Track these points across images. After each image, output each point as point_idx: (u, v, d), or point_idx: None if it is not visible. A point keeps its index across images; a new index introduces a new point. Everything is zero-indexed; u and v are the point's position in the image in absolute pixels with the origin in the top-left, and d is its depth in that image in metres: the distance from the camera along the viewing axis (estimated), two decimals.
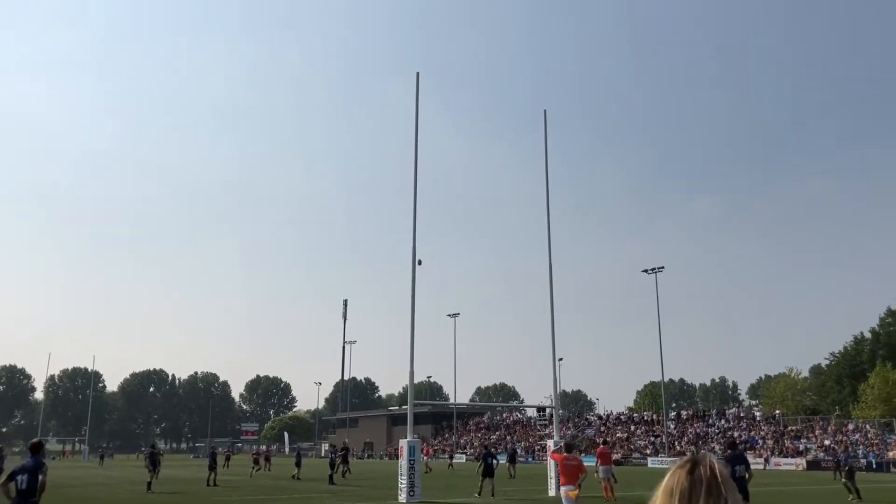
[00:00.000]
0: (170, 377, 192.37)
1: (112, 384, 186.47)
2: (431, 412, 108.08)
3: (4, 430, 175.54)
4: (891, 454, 55.38)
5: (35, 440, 11.64)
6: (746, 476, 15.73)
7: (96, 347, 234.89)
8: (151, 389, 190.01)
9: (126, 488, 32.71)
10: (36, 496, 10.59)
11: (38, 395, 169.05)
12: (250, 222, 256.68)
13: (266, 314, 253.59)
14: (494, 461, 26.30)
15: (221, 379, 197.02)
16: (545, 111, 34.28)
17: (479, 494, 26.10)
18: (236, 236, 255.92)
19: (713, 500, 1.91)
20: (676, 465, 2.04)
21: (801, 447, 62.51)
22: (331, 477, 36.27)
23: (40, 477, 10.64)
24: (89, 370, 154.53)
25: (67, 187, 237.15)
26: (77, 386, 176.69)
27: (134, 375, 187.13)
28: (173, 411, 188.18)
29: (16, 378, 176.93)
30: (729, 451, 17.24)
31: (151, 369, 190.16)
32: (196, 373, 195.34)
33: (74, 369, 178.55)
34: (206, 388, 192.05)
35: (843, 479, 25.31)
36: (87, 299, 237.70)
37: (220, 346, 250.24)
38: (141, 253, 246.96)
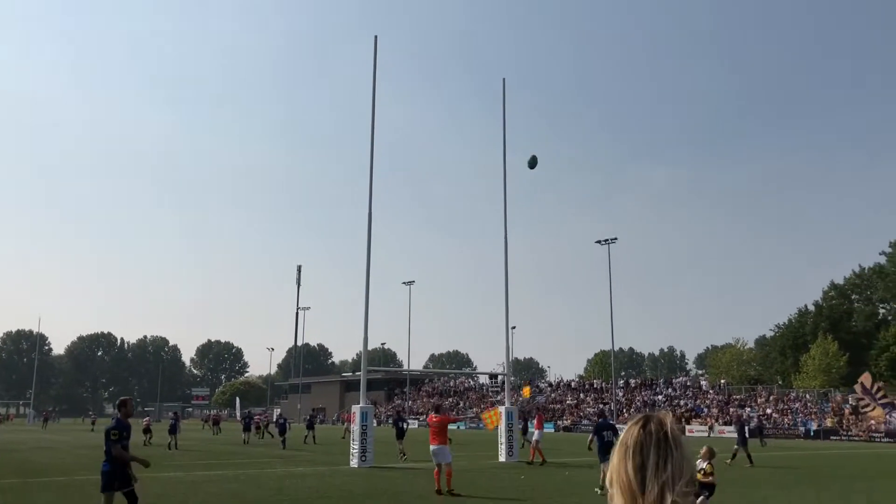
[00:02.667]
0: (118, 341, 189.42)
1: (58, 347, 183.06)
2: (385, 378, 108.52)
3: None
4: (828, 422, 57.35)
5: (122, 398, 11.02)
6: (615, 440, 16.39)
7: (41, 310, 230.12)
8: (99, 353, 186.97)
9: (72, 453, 32.21)
10: (110, 459, 10.02)
11: None
12: (202, 185, 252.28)
13: (218, 279, 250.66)
14: (405, 424, 30.42)
15: (171, 343, 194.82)
16: (504, 80, 34.10)
17: (404, 456, 27.86)
18: (188, 200, 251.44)
19: (661, 453, 2.00)
20: (632, 421, 2.11)
21: (745, 415, 64.39)
22: (283, 441, 36.61)
23: None
24: (34, 333, 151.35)
25: (11, 149, 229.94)
26: (21, 349, 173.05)
27: (81, 339, 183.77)
28: (122, 375, 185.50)
29: None
30: (599, 419, 19.49)
31: (99, 332, 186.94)
32: (145, 336, 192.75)
33: (18, 332, 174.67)
34: (156, 353, 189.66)
35: (736, 446, 26.76)
36: (31, 261, 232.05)
37: (170, 311, 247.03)
38: (87, 215, 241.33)
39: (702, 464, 11.64)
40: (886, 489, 17.75)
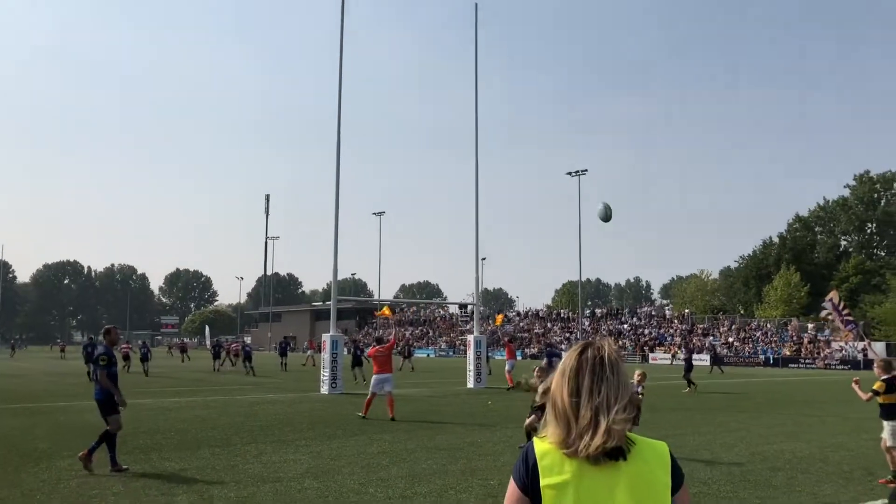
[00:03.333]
0: (85, 269, 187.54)
1: (23, 275, 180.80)
2: (355, 308, 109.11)
3: None
4: (786, 351, 59.09)
5: (107, 326, 11.36)
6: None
7: (5, 236, 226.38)
8: (66, 281, 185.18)
9: (41, 380, 32.22)
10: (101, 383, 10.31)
11: None
12: (170, 112, 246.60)
13: (187, 207, 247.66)
14: (361, 353, 31.63)
15: (140, 271, 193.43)
16: (476, 5, 33.40)
17: (363, 381, 28.70)
18: (156, 125, 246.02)
19: (597, 378, 2.03)
20: (572, 348, 2.15)
21: (708, 344, 66.02)
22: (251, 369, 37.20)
23: None
24: None
25: None
26: None
27: (47, 267, 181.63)
28: (90, 304, 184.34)
29: None
30: (548, 348, 20.90)
31: (65, 260, 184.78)
32: (113, 265, 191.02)
33: None
34: (124, 281, 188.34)
35: (684, 375, 27.64)
36: None
37: (137, 238, 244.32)
38: (51, 140, 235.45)
39: (636, 388, 11.17)
40: (837, 413, 18.47)
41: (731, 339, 65.62)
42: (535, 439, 2.10)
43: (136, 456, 11.06)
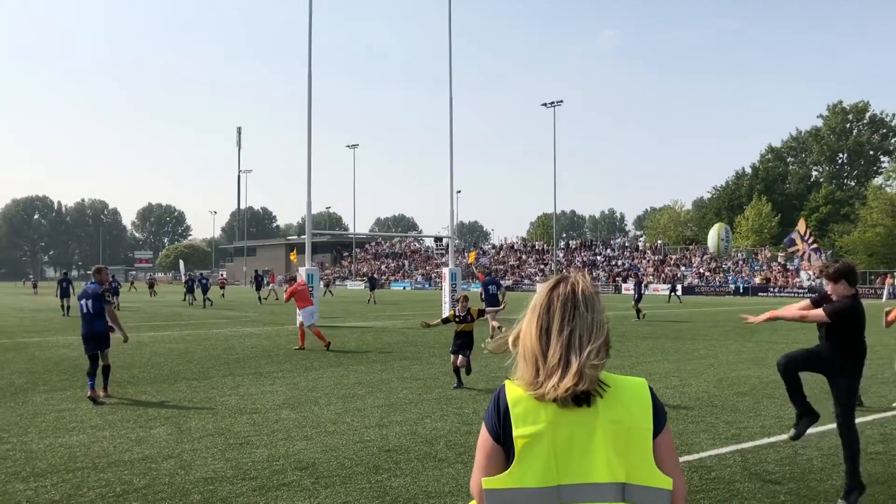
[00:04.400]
0: (55, 204, 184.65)
1: None
2: (331, 241, 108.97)
3: None
4: (757, 279, 60.18)
5: (97, 265, 11.97)
6: (500, 295, 20.27)
7: None
8: (36, 217, 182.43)
9: (14, 315, 32.04)
10: (104, 319, 10.87)
11: None
12: (140, 38, 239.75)
13: (158, 140, 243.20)
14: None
15: (111, 206, 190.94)
16: None
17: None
18: (128, 56, 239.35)
19: (568, 315, 1.92)
20: (544, 284, 2.04)
21: (679, 274, 66.99)
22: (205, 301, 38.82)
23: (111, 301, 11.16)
24: None
25: None
26: None
27: (15, 202, 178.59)
28: (61, 239, 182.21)
29: None
30: (486, 276, 22.70)
31: (34, 195, 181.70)
32: (83, 200, 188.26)
33: None
34: (95, 216, 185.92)
35: (633, 305, 28.46)
36: None
37: (108, 172, 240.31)
38: (23, 70, 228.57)
39: None
40: (804, 340, 18.95)
41: (702, 270, 66.62)
42: (506, 383, 1.97)
43: (112, 389, 11.11)
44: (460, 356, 11.43)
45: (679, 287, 52.60)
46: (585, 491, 1.82)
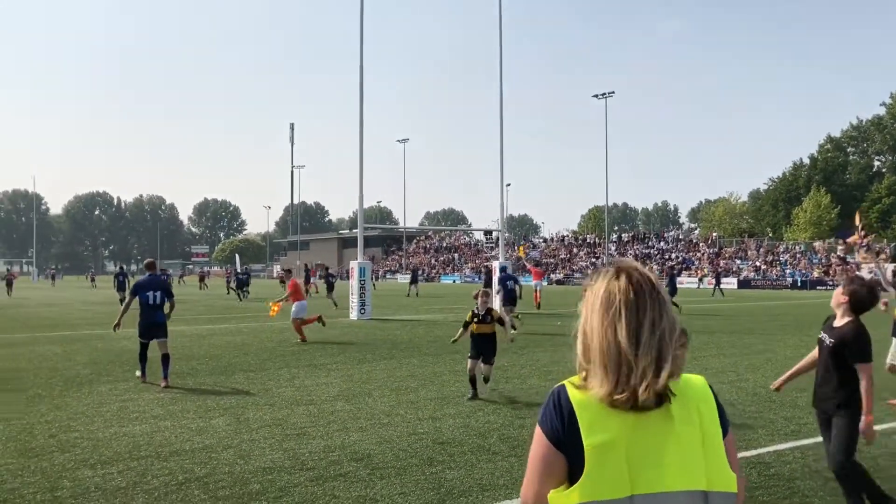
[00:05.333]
0: (115, 200, 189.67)
1: (55, 207, 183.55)
2: (381, 235, 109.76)
3: None
4: (815, 273, 58.69)
5: (149, 259, 12.75)
6: (517, 288, 21.28)
7: (36, 168, 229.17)
8: (97, 212, 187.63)
9: (78, 308, 33.04)
10: (163, 310, 11.71)
11: None
12: (195, 40, 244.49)
13: (213, 136, 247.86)
14: (334, 280, 35.48)
15: (168, 201, 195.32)
16: None
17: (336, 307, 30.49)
18: (183, 53, 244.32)
19: (651, 308, 1.73)
20: (601, 276, 1.82)
21: (735, 267, 65.72)
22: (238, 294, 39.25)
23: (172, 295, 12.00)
24: (30, 192, 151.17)
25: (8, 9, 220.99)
26: (19, 208, 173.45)
27: (78, 198, 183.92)
28: (121, 234, 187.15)
29: None
30: (501, 273, 23.56)
31: (95, 192, 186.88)
32: (142, 195, 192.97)
33: (15, 191, 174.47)
34: (154, 211, 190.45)
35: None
36: (25, 120, 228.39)
37: (165, 168, 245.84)
38: (79, 70, 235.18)
39: None
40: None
41: (758, 263, 65.24)
42: (566, 385, 1.77)
43: (173, 381, 11.40)
44: (481, 363, 10.01)
45: (736, 280, 51.43)
46: (661, 500, 1.67)
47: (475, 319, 10.10)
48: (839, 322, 5.03)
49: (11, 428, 8.24)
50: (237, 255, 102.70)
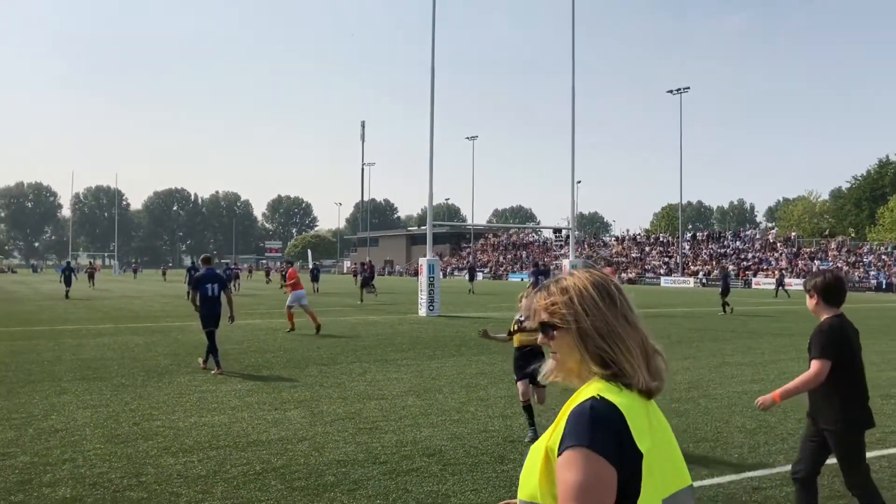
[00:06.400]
0: (192, 196, 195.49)
1: (135, 203, 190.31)
2: (449, 232, 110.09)
3: (37, 244, 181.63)
4: None
5: (205, 254, 13.74)
6: None
7: (118, 166, 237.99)
8: (175, 208, 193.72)
9: (157, 300, 34.17)
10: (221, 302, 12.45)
11: (66, 212, 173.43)
12: (269, 39, 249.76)
13: (287, 134, 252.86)
14: (366, 273, 35.49)
15: (243, 198, 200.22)
16: None
17: (369, 298, 33.49)
18: (253, 54, 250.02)
19: (631, 303, 1.74)
20: (580, 277, 1.75)
21: (815, 268, 63.60)
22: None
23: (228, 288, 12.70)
24: (112, 188, 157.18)
25: (90, 15, 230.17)
26: (102, 204, 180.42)
27: (157, 194, 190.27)
28: (197, 229, 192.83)
29: (43, 195, 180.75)
30: (533, 268, 24.62)
31: (173, 188, 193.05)
32: (217, 192, 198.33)
33: (98, 187, 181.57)
34: (229, 207, 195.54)
35: (720, 298, 27.61)
36: (106, 115, 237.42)
37: (241, 166, 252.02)
38: (160, 71, 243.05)
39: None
40: None
41: (840, 264, 62.95)
42: (602, 393, 1.60)
43: (248, 373, 11.69)
44: (534, 386, 7.79)
45: (729, 280, 49.12)
46: (684, 497, 1.64)
47: (518, 329, 7.92)
48: None
49: (98, 415, 8.59)
50: (309, 251, 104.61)
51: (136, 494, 5.70)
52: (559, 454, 1.55)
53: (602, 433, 1.53)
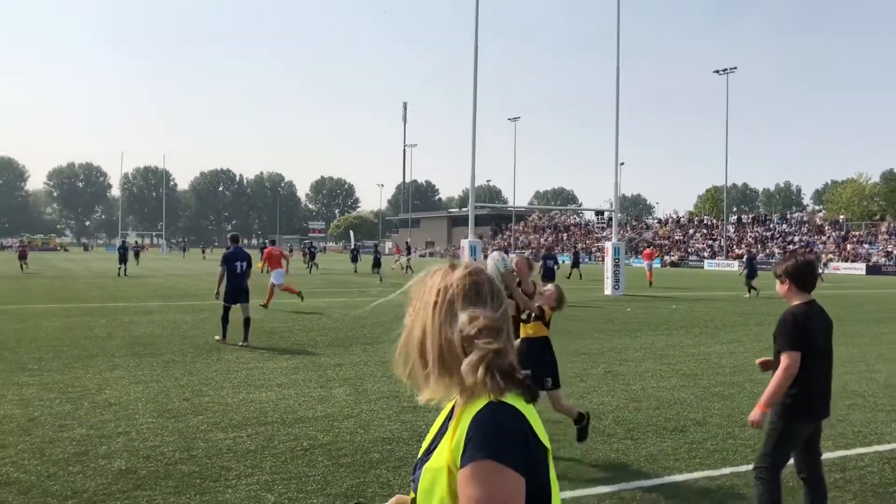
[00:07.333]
0: (237, 177, 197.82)
1: (182, 183, 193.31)
2: (490, 214, 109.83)
3: (87, 223, 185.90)
4: None
5: (233, 233, 14.54)
6: (555, 268, 23.59)
7: (165, 146, 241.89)
8: (220, 189, 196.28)
9: (204, 279, 34.79)
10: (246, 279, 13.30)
11: (115, 192, 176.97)
12: (310, 21, 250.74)
13: (328, 116, 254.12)
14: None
15: (287, 179, 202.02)
16: None
17: (384, 278, 32.39)
18: (297, 36, 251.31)
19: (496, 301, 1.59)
20: (462, 271, 1.62)
21: (864, 252, 62.14)
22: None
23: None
24: (160, 169, 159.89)
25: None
26: (150, 184, 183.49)
27: (203, 175, 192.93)
28: (242, 209, 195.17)
29: (93, 175, 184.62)
30: (543, 251, 26.34)
31: (219, 169, 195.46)
32: (262, 172, 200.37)
33: (146, 168, 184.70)
34: (273, 188, 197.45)
35: (745, 281, 27.57)
36: (154, 97, 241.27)
37: (284, 147, 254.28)
38: (208, 53, 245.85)
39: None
40: None
41: (890, 248, 61.41)
42: (502, 402, 1.46)
43: (294, 351, 11.88)
44: (547, 390, 6.40)
45: (864, 266, 48.39)
46: None
47: (522, 318, 6.58)
48: None
49: (150, 390, 8.83)
50: (351, 232, 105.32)
51: (187, 468, 5.87)
52: (461, 468, 1.43)
53: (508, 442, 1.42)
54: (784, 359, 4.27)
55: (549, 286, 6.50)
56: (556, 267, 24.46)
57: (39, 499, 5.17)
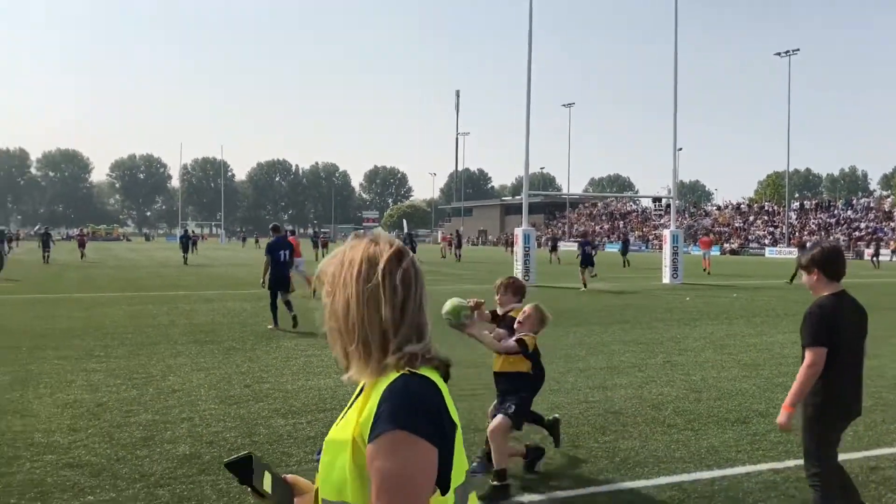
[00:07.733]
0: (293, 167, 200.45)
1: (240, 173, 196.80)
2: (544, 202, 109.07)
3: (148, 214, 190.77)
4: None
5: (275, 223, 15.12)
6: (593, 253, 24.27)
7: (223, 138, 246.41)
8: (277, 179, 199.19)
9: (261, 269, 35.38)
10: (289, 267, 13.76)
11: (175, 183, 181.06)
12: (366, 9, 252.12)
13: (383, 105, 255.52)
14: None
15: (341, 169, 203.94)
16: None
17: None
18: (351, 26, 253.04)
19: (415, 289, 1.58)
20: (391, 254, 1.56)
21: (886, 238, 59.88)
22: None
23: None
24: (218, 160, 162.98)
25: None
26: (208, 175, 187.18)
27: (260, 165, 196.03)
28: (298, 199, 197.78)
29: (154, 167, 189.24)
30: (580, 238, 27.41)
31: (275, 159, 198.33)
32: (317, 163, 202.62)
33: (204, 159, 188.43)
34: (328, 178, 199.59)
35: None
36: (211, 89, 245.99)
37: (338, 137, 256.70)
38: (264, 45, 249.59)
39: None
40: None
41: None
42: (416, 373, 1.49)
43: None
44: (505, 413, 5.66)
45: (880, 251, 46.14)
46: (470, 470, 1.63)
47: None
48: None
49: (212, 377, 9.02)
50: (404, 221, 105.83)
51: None
52: (371, 440, 1.41)
53: (422, 412, 1.43)
54: (808, 355, 4.04)
55: (526, 308, 5.93)
56: (594, 253, 24.71)
57: (109, 481, 5.33)
